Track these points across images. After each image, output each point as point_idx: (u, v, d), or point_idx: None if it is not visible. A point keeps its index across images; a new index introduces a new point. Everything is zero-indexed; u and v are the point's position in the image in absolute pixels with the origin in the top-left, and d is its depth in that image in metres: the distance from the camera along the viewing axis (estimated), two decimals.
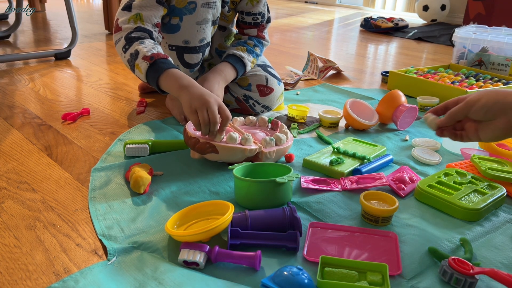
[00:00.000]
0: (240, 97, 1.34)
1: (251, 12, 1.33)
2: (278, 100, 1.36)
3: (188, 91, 0.97)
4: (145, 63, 1.02)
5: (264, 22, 1.37)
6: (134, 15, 1.09)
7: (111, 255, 0.70)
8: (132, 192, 0.90)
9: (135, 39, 1.07)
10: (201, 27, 1.18)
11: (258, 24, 1.36)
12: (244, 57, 1.28)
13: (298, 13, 4.37)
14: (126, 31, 1.08)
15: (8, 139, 1.15)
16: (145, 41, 1.07)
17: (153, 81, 1.04)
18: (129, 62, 1.07)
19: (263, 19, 1.36)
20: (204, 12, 1.16)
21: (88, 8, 4.07)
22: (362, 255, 0.73)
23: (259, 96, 1.31)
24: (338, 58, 2.34)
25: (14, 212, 0.82)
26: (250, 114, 1.38)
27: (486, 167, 0.98)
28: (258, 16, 1.34)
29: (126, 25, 1.09)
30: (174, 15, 1.15)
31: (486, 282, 0.68)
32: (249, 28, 1.37)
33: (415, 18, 4.11)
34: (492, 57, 1.91)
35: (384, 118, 1.31)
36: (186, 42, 1.19)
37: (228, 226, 0.73)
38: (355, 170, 1.01)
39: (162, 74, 1.02)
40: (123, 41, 1.08)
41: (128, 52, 1.07)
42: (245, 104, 1.34)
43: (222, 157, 0.97)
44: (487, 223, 0.85)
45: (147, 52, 1.03)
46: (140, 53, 1.04)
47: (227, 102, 1.38)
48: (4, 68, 1.86)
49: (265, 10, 1.36)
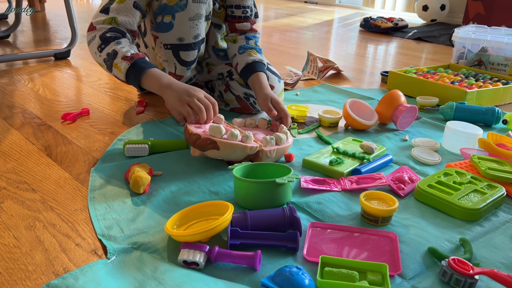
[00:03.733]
0: (241, 95, 1.34)
1: (241, 5, 1.34)
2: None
3: (172, 88, 1.05)
4: (125, 63, 1.07)
5: (252, 16, 1.38)
6: (110, 18, 1.12)
7: (111, 254, 0.70)
8: (131, 192, 0.90)
9: (111, 39, 1.10)
10: (194, 23, 1.18)
11: (248, 17, 1.37)
12: (262, 60, 1.31)
13: (298, 13, 4.37)
14: (101, 31, 1.11)
15: (8, 139, 1.15)
16: (122, 41, 1.10)
17: (134, 80, 1.09)
18: (105, 61, 1.10)
19: (251, 13, 1.37)
20: (196, 7, 1.16)
21: (88, 8, 4.07)
22: (362, 255, 0.73)
23: None
24: (337, 58, 2.34)
25: (14, 212, 0.82)
26: (250, 112, 1.38)
27: (486, 167, 0.98)
28: (247, 9, 1.36)
29: (100, 25, 1.12)
30: (166, 13, 1.16)
31: (486, 282, 0.68)
32: (240, 22, 1.37)
33: (414, 18, 4.11)
34: (492, 57, 1.92)
35: (384, 118, 1.32)
36: (181, 39, 1.19)
37: (228, 226, 0.73)
38: (355, 170, 1.01)
39: (144, 74, 1.07)
40: (98, 40, 1.11)
41: (105, 52, 1.10)
42: (246, 102, 1.34)
43: (223, 154, 0.97)
44: (487, 223, 0.85)
45: (126, 52, 1.07)
46: (119, 53, 1.07)
47: (227, 101, 1.38)
48: (3, 68, 1.86)
49: (252, 4, 1.37)
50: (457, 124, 1.18)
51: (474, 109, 1.37)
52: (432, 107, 1.49)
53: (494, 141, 1.11)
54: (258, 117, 1.37)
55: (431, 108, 1.47)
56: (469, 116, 1.36)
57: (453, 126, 1.17)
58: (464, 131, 1.15)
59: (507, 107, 1.60)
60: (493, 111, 1.35)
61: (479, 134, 1.14)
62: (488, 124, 1.37)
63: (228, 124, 1.10)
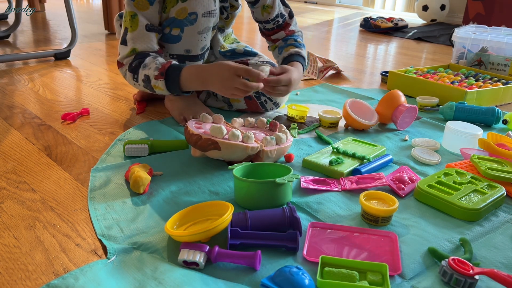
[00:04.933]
0: (252, 94, 1.33)
1: (269, 19, 1.32)
2: (287, 97, 1.38)
3: (212, 80, 1.05)
4: (160, 81, 1.09)
5: (286, 19, 1.35)
6: (131, 50, 1.15)
7: (111, 254, 0.70)
8: (131, 192, 0.90)
9: (138, 67, 1.13)
10: (202, 36, 1.18)
11: (281, 26, 1.35)
12: (300, 52, 1.29)
13: (298, 13, 4.37)
14: (128, 64, 1.15)
15: (8, 139, 1.15)
16: (147, 63, 1.12)
17: (176, 90, 1.11)
18: (147, 87, 1.14)
19: (284, 18, 1.34)
20: (205, 21, 1.16)
21: (87, 8, 4.07)
22: (362, 255, 0.73)
23: None
24: (337, 58, 2.34)
25: (14, 212, 0.82)
26: (257, 113, 1.37)
27: (486, 167, 0.98)
28: (277, 19, 1.33)
29: (125, 59, 1.16)
30: (175, 27, 1.15)
31: (486, 282, 0.68)
32: (274, 33, 1.36)
33: (414, 18, 4.11)
34: (492, 57, 1.91)
35: (384, 118, 1.31)
36: (188, 51, 1.19)
37: (228, 226, 0.73)
38: (355, 170, 1.01)
39: (180, 80, 1.09)
40: (130, 74, 1.15)
41: (140, 80, 1.13)
42: (256, 101, 1.34)
43: (224, 154, 0.97)
44: (487, 223, 0.85)
45: (154, 71, 1.09)
46: (151, 76, 1.10)
47: (232, 102, 1.38)
48: (3, 68, 1.86)
49: (281, 9, 1.33)
50: (457, 124, 1.18)
51: (474, 109, 1.37)
52: (432, 107, 1.49)
53: (494, 141, 1.11)
54: (263, 114, 1.37)
55: (431, 108, 1.47)
56: (469, 116, 1.36)
57: (453, 126, 1.17)
58: (464, 131, 1.15)
59: (507, 107, 1.60)
60: (493, 111, 1.35)
61: (479, 134, 1.14)
62: (488, 124, 1.37)
63: (228, 124, 1.10)
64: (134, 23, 1.13)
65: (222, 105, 1.39)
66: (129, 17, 1.13)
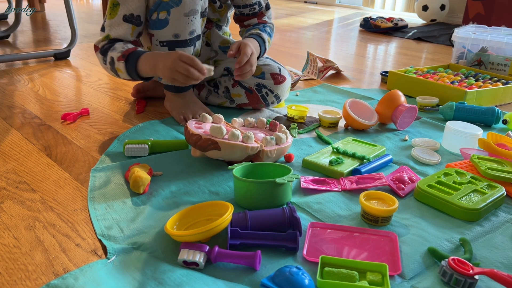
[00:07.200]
0: (253, 87, 1.34)
1: (247, 4, 1.36)
2: (287, 91, 1.38)
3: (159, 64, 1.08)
4: (121, 63, 1.13)
5: (263, 9, 1.39)
6: (104, 36, 1.20)
7: (111, 254, 0.70)
8: (131, 192, 0.90)
9: (108, 50, 1.17)
10: (189, 19, 1.19)
11: (256, 13, 1.39)
12: (260, 34, 1.32)
13: (298, 13, 4.37)
14: (101, 47, 1.19)
15: (8, 139, 1.15)
16: (115, 46, 1.17)
17: (133, 74, 1.14)
18: (112, 70, 1.18)
19: (260, 7, 1.38)
20: (191, 2, 1.17)
21: (87, 8, 4.07)
22: (361, 255, 0.73)
23: (274, 84, 1.33)
24: (337, 58, 2.34)
25: (14, 212, 0.82)
26: (259, 106, 1.37)
27: (486, 167, 0.98)
28: (255, 6, 1.37)
29: (101, 43, 1.20)
30: (162, 10, 1.17)
31: (486, 282, 0.68)
32: (249, 19, 1.39)
33: (414, 18, 4.11)
34: (492, 57, 1.92)
35: (384, 118, 1.32)
36: (176, 35, 1.20)
37: (228, 226, 0.73)
38: (355, 170, 1.01)
39: (137, 64, 1.12)
40: (101, 56, 1.19)
41: (108, 62, 1.17)
42: (257, 95, 1.34)
43: (224, 154, 0.97)
44: (487, 223, 0.85)
45: (118, 53, 1.14)
46: (115, 58, 1.14)
47: (234, 97, 1.38)
48: (3, 68, 1.86)
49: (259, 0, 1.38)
50: (457, 124, 1.18)
51: (474, 109, 1.37)
52: (432, 107, 1.49)
53: (494, 141, 1.11)
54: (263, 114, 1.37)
55: (431, 108, 1.47)
56: (469, 116, 1.36)
57: (453, 126, 1.17)
58: (464, 131, 1.15)
59: (507, 107, 1.60)
60: (493, 111, 1.35)
61: (479, 134, 1.14)
62: (488, 124, 1.37)
63: (227, 124, 1.10)
64: (114, 11, 1.18)
65: (223, 101, 1.40)
66: (111, 5, 1.18)
